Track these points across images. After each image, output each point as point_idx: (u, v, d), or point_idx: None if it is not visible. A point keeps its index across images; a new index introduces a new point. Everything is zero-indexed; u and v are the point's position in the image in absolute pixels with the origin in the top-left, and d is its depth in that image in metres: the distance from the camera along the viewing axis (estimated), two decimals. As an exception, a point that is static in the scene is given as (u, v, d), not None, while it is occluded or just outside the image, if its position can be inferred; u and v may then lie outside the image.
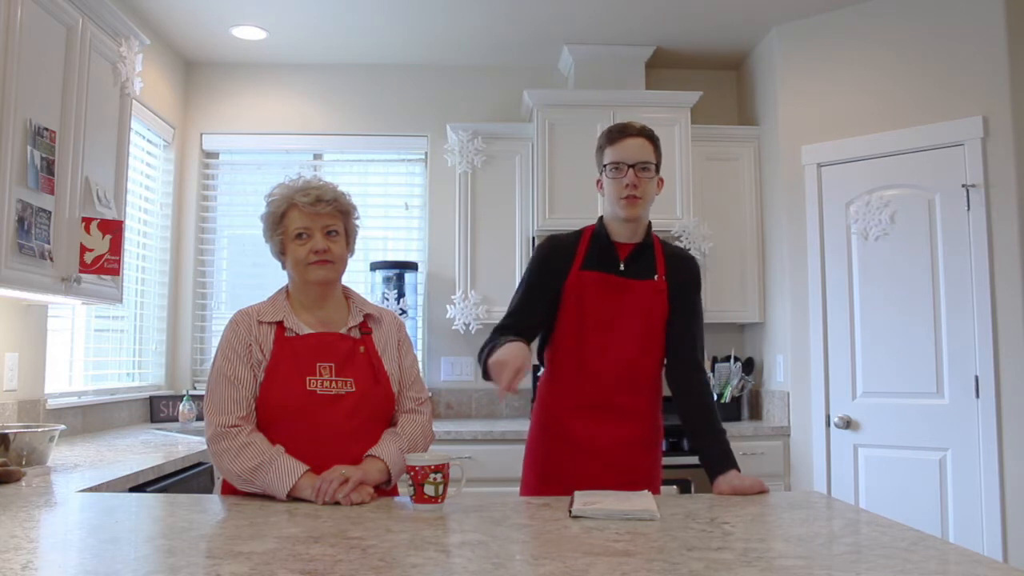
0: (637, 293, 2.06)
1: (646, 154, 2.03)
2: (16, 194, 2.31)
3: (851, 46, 3.78)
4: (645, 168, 2.02)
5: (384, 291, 4.18)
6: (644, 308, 2.06)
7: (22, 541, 1.37)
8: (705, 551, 1.29)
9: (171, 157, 4.34)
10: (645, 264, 2.09)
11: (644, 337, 2.06)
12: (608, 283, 2.06)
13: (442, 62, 4.52)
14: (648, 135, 2.06)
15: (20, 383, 2.87)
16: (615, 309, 2.05)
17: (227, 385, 1.79)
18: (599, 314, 2.05)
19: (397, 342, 1.96)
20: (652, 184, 2.05)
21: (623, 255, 2.09)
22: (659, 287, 2.07)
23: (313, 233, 1.84)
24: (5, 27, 2.26)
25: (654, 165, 2.04)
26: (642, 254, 2.10)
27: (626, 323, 2.04)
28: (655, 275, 2.07)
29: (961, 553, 1.29)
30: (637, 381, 2.06)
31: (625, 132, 2.04)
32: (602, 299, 2.05)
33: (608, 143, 2.06)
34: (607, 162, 2.05)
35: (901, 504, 3.42)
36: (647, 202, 2.06)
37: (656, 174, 2.07)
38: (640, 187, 2.01)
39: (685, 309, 2.10)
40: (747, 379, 4.15)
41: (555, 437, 2.09)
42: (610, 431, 2.03)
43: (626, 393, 2.05)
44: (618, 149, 2.03)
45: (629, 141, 2.03)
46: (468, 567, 1.20)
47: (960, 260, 3.38)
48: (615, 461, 2.02)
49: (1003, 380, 3.25)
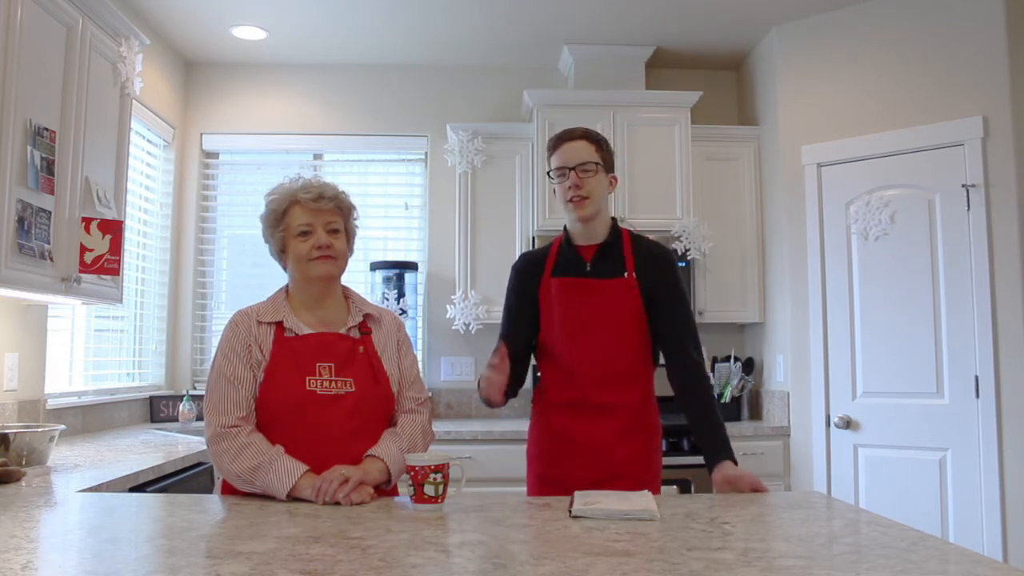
0: (605, 292, 2.11)
1: (586, 154, 2.09)
2: (16, 194, 2.31)
3: (851, 46, 3.78)
4: (586, 169, 2.07)
5: (384, 291, 4.18)
6: (614, 304, 2.10)
7: (22, 541, 1.37)
8: (705, 551, 1.29)
9: (171, 157, 4.34)
10: (612, 262, 2.14)
11: (617, 333, 2.10)
12: (573, 286, 2.13)
13: (442, 62, 4.52)
14: (588, 136, 2.12)
15: (20, 383, 2.87)
16: (585, 310, 2.11)
17: (227, 385, 1.79)
18: (569, 316, 2.12)
19: (397, 342, 1.96)
20: (598, 182, 2.10)
21: (588, 256, 2.15)
22: (629, 284, 2.11)
23: (315, 229, 1.85)
24: (5, 27, 2.26)
25: (596, 164, 2.09)
26: (608, 253, 2.15)
27: (596, 320, 2.10)
28: (624, 272, 2.12)
29: (961, 553, 1.29)
30: (612, 377, 2.10)
31: (564, 138, 2.12)
32: (570, 301, 2.12)
33: (551, 151, 2.14)
34: (551, 168, 2.13)
35: (901, 504, 3.42)
36: (596, 200, 2.10)
37: (605, 172, 2.12)
38: (584, 187, 2.07)
39: (665, 306, 2.12)
40: (747, 379, 4.15)
41: (545, 435, 2.17)
42: (588, 427, 2.09)
43: (602, 389, 2.10)
44: (559, 155, 2.11)
45: (568, 145, 2.10)
46: (468, 567, 1.20)
47: (960, 260, 3.38)
48: (599, 453, 2.08)
49: (1003, 380, 3.25)
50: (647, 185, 4.05)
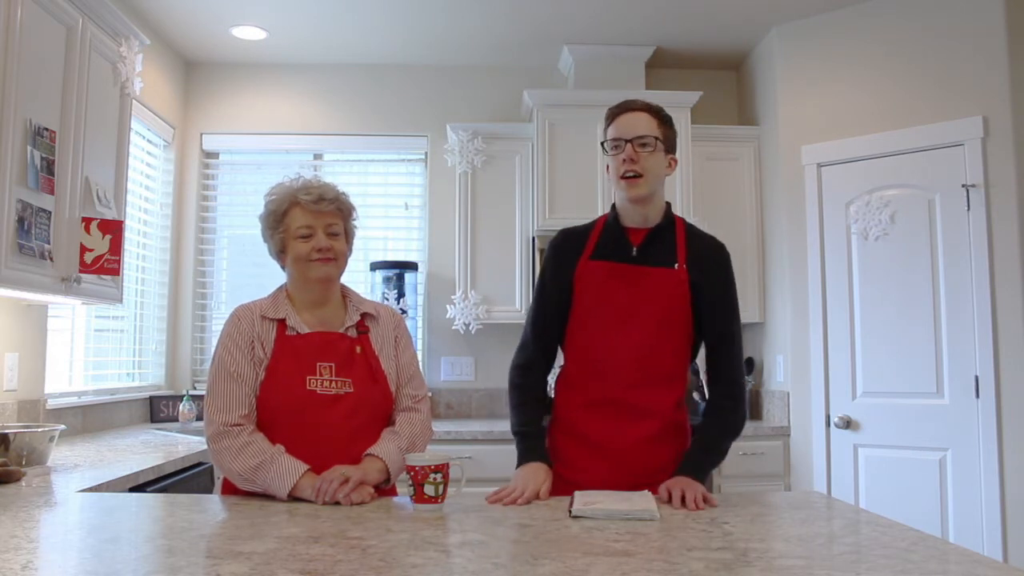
0: (653, 281, 1.89)
1: (646, 128, 1.87)
2: (16, 194, 2.31)
3: (851, 46, 3.78)
4: (644, 143, 1.85)
5: (384, 291, 4.18)
6: (661, 297, 1.88)
7: (22, 541, 1.37)
8: (705, 551, 1.29)
9: (171, 157, 4.34)
10: (663, 249, 1.91)
11: (660, 328, 1.88)
12: (617, 272, 1.90)
13: (442, 62, 4.52)
14: (652, 110, 1.91)
15: (20, 383, 2.87)
16: (626, 299, 1.89)
17: (229, 382, 1.79)
18: (607, 305, 1.90)
19: (395, 338, 1.95)
20: (656, 160, 1.87)
21: (637, 241, 1.92)
22: (680, 276, 1.88)
23: (316, 231, 1.84)
24: (5, 27, 2.26)
25: (656, 139, 1.87)
26: (659, 238, 1.92)
27: (639, 313, 1.88)
28: (675, 263, 1.90)
29: (961, 553, 1.29)
30: (651, 376, 1.89)
31: (625, 108, 1.91)
32: (611, 289, 1.90)
33: (609, 121, 1.93)
34: (606, 139, 1.92)
35: (901, 504, 3.42)
36: (652, 180, 1.88)
37: (664, 151, 1.90)
38: (640, 162, 1.85)
39: (713, 308, 1.91)
40: (747, 379, 4.15)
41: (566, 435, 1.97)
42: (621, 429, 1.88)
43: (639, 388, 1.88)
44: (617, 125, 1.90)
45: (628, 116, 1.89)
46: (468, 567, 1.20)
47: (960, 260, 3.38)
48: (627, 460, 1.88)
49: (1003, 380, 3.25)
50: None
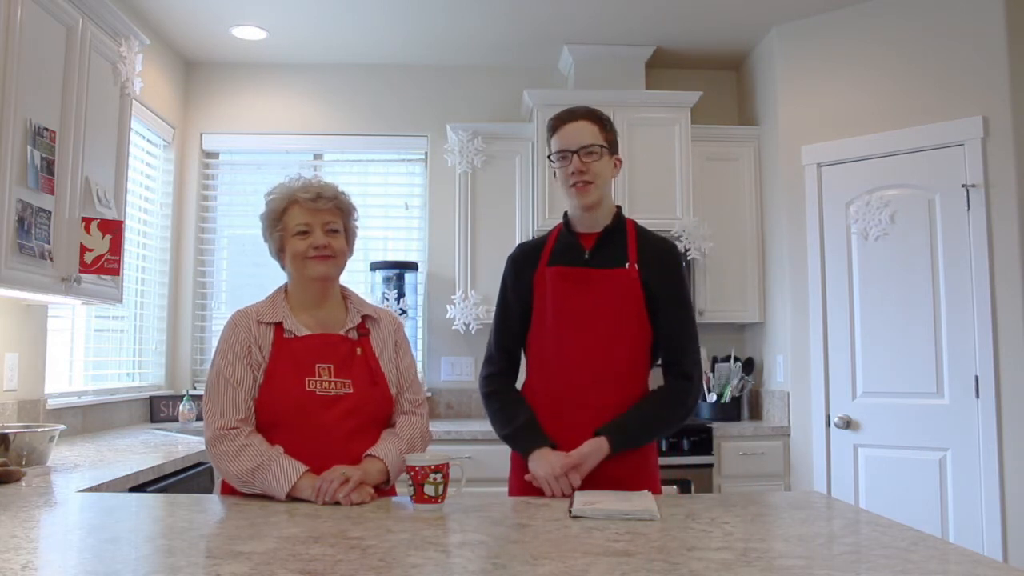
0: (605, 282, 1.96)
1: (590, 136, 1.94)
2: (16, 194, 2.31)
3: (851, 46, 3.78)
4: (590, 152, 1.93)
5: (384, 291, 4.18)
6: (613, 297, 1.95)
7: (22, 541, 1.37)
8: (705, 551, 1.29)
9: (171, 157, 4.34)
10: (614, 251, 1.98)
11: (614, 329, 1.94)
12: (571, 276, 1.97)
13: (442, 62, 4.52)
14: (592, 116, 1.97)
15: (20, 383, 2.87)
16: (580, 301, 1.96)
17: (226, 387, 1.79)
18: (563, 309, 1.97)
19: (395, 343, 1.95)
20: (603, 165, 1.95)
21: (588, 245, 2.00)
22: (631, 275, 1.95)
23: (314, 229, 1.84)
24: (5, 27, 2.26)
25: (601, 146, 1.94)
26: (610, 241, 2.00)
27: (593, 314, 1.95)
28: (625, 263, 1.96)
29: (961, 553, 1.29)
30: (604, 375, 1.93)
31: (565, 118, 1.97)
32: (565, 293, 1.97)
33: (552, 132, 1.98)
34: (552, 152, 1.98)
35: (901, 504, 3.42)
36: (600, 185, 1.96)
37: (609, 154, 1.97)
38: (588, 171, 1.92)
39: (664, 307, 1.96)
40: (747, 379, 4.15)
41: None
42: (577, 429, 1.90)
43: (592, 388, 1.93)
44: (561, 136, 1.96)
45: (570, 126, 1.95)
46: (468, 567, 1.20)
47: (960, 260, 3.38)
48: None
49: (1003, 380, 3.25)
50: (647, 185, 4.04)
